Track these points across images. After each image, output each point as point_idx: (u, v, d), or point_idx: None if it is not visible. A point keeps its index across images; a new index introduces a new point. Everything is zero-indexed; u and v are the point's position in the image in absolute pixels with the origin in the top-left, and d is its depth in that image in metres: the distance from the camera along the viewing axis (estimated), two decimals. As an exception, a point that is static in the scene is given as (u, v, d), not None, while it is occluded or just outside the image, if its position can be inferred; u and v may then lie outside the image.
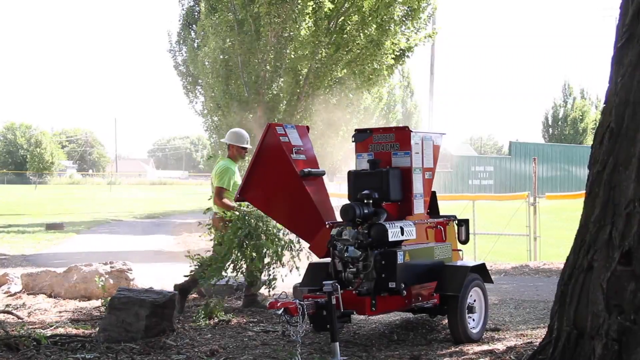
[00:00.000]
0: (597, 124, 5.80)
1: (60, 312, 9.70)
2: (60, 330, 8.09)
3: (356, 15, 19.36)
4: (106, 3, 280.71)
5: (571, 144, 65.44)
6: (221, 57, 20.77)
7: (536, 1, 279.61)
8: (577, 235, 5.66)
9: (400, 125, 9.24)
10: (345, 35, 19.50)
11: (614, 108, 5.49)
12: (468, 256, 12.39)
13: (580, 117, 75.81)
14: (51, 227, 28.30)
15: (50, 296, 11.04)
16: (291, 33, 19.27)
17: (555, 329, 5.65)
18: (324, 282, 6.83)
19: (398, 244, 7.23)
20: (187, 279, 9.46)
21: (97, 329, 7.83)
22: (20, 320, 8.95)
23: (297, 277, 8.38)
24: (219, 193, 9.69)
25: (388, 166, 7.64)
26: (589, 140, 67.00)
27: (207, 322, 8.58)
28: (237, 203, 8.83)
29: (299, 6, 18.89)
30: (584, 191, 5.75)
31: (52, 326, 8.43)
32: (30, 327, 8.35)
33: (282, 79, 20.14)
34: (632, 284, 5.26)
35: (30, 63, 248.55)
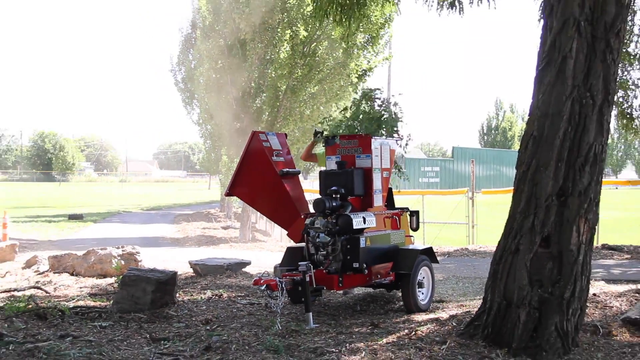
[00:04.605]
0: (523, 132, 5.85)
1: (80, 287, 9.62)
2: (81, 303, 8.02)
3: (326, 42, 19.34)
4: (112, 35, 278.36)
5: (502, 149, 65.81)
6: (214, 76, 20.68)
7: (474, 29, 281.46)
8: (507, 224, 5.72)
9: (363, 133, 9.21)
10: (317, 58, 19.46)
11: (536, 119, 5.55)
12: (418, 241, 12.45)
13: (509, 127, 76.53)
14: (73, 217, 28.09)
15: (72, 274, 10.96)
16: (272, 56, 19.23)
17: (488, 300, 5.71)
18: (299, 263, 6.87)
19: (361, 231, 7.25)
20: None
21: (111, 301, 7.78)
22: (47, 295, 8.86)
23: (278, 259, 8.36)
24: None
25: (353, 167, 7.66)
26: (516, 146, 67.44)
27: (203, 296, 8.55)
28: None
29: (279, 34, 18.88)
30: (513, 187, 5.82)
31: (74, 299, 8.35)
32: (56, 300, 8.27)
33: (264, 94, 20.07)
34: (550, 263, 5.36)
35: (55, 80, 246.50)
